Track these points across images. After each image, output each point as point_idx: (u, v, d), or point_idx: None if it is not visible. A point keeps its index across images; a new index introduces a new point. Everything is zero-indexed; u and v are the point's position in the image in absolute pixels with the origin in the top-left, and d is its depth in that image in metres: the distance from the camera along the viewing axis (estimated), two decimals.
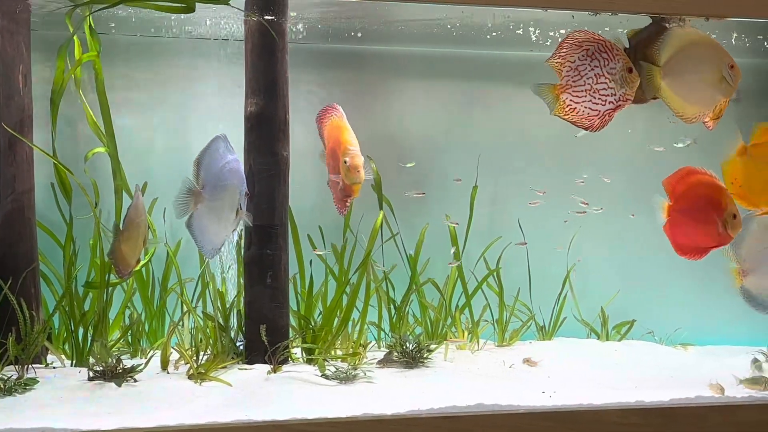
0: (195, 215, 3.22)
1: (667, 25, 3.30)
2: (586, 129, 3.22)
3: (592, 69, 3.17)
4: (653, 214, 3.39)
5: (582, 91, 3.17)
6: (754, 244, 3.38)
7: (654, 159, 4.29)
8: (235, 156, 3.31)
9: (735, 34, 3.95)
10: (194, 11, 3.04)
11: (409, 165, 4.22)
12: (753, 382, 3.39)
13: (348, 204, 3.59)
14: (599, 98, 3.17)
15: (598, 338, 4.42)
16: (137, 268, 3.37)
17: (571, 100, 3.18)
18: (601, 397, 3.17)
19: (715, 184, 3.33)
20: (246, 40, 3.67)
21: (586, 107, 3.18)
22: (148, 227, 3.28)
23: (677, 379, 3.58)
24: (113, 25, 3.80)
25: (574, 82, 3.17)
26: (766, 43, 4.18)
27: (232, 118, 3.81)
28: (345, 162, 3.48)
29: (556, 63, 3.18)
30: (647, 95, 3.28)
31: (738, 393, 3.30)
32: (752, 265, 3.36)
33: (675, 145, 4.10)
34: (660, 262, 4.47)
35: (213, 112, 4.18)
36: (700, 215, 3.32)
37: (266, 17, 3.58)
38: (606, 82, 3.16)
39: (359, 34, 4.18)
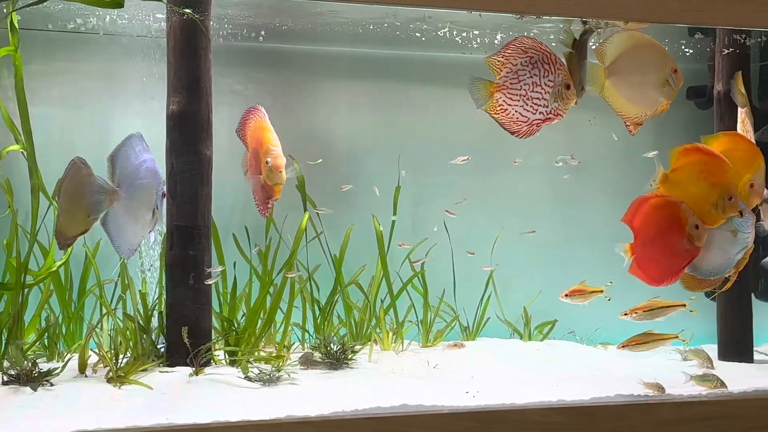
0: (111, 214, 3.15)
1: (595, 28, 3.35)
2: (512, 133, 3.24)
3: (531, 77, 3.19)
4: (620, 260, 3.41)
5: (517, 95, 3.19)
6: None
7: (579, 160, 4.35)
8: (152, 155, 3.24)
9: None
10: (123, 6, 2.98)
11: (316, 162, 4.16)
12: (703, 379, 3.46)
13: (270, 205, 3.56)
14: (531, 106, 3.20)
15: (521, 338, 4.47)
16: (77, 236, 3.26)
17: (504, 101, 3.20)
18: (524, 396, 3.20)
19: (669, 202, 3.35)
20: (168, 38, 3.62)
21: (517, 111, 3.20)
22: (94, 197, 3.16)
23: (598, 378, 3.63)
24: (20, 18, 3.70)
25: (511, 84, 3.19)
26: (684, 48, 4.28)
27: (154, 116, 3.75)
28: (267, 162, 3.46)
29: (498, 61, 3.20)
30: (595, 90, 3.33)
31: (678, 390, 3.37)
32: None
33: (555, 164, 4.18)
34: (580, 262, 4.54)
35: (134, 111, 4.10)
36: (663, 240, 3.35)
37: (189, 14, 3.53)
38: (541, 93, 3.19)
39: (284, 33, 4.15)
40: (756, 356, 4.14)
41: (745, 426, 3.28)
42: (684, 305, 3.40)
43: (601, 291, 3.48)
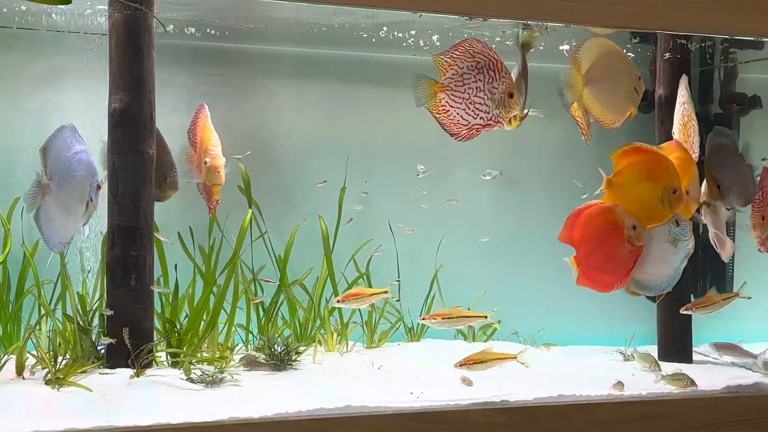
0: (42, 207, 3.09)
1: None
2: (452, 135, 3.25)
3: (476, 81, 3.20)
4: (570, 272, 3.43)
5: (460, 98, 3.20)
6: None
7: (521, 162, 4.39)
8: (86, 147, 3.19)
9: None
10: (71, 2, 2.94)
11: (243, 155, 4.11)
12: (674, 378, 3.53)
13: (212, 207, 3.54)
14: (473, 110, 3.20)
15: (465, 339, 4.48)
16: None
17: (446, 102, 3.20)
18: (468, 397, 3.21)
19: (603, 209, 3.40)
20: (110, 35, 3.57)
21: (458, 114, 3.21)
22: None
23: (541, 379, 3.66)
24: None
25: (455, 86, 3.19)
26: (626, 52, 4.32)
27: (96, 114, 3.69)
28: (206, 163, 3.45)
29: (445, 61, 3.20)
30: (569, 101, 3.38)
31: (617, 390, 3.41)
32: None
33: (482, 177, 4.23)
34: (524, 264, 4.58)
35: (76, 109, 4.03)
36: (605, 246, 3.39)
37: (132, 12, 3.49)
38: (484, 99, 3.19)
39: (229, 32, 4.12)
40: (695, 356, 4.21)
41: (683, 425, 3.33)
42: (486, 317, 3.47)
43: (386, 292, 3.51)
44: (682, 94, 3.84)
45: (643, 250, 3.42)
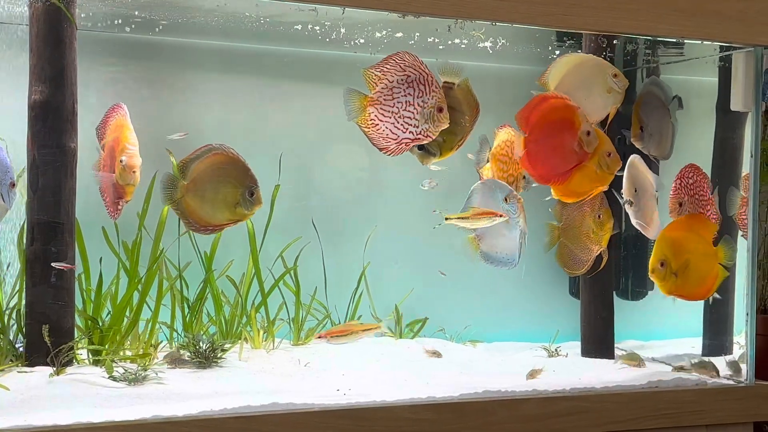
0: None
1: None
2: (380, 149, 3.26)
3: (405, 95, 3.20)
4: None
5: (389, 111, 3.20)
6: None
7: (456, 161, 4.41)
8: None
9: (503, 41, 4.11)
10: None
11: (181, 136, 4.02)
12: (629, 358, 3.80)
13: (120, 207, 3.49)
14: (402, 124, 3.21)
15: (392, 336, 4.49)
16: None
17: (375, 116, 3.20)
18: (394, 393, 3.22)
19: (567, 105, 3.48)
20: (31, 24, 3.48)
21: (387, 128, 3.21)
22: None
23: (466, 375, 3.69)
24: None
25: (384, 100, 3.19)
26: (557, 53, 4.38)
27: (16, 106, 3.61)
28: (121, 161, 3.40)
29: (375, 75, 3.19)
30: None
31: (524, 387, 3.45)
32: (483, 230, 3.56)
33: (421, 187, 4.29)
34: (450, 262, 4.60)
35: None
36: (555, 140, 3.45)
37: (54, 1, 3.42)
38: (413, 113, 3.20)
39: (154, 24, 4.05)
40: (617, 353, 4.29)
41: (604, 420, 3.41)
42: (379, 327, 3.54)
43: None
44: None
45: (488, 229, 3.54)
